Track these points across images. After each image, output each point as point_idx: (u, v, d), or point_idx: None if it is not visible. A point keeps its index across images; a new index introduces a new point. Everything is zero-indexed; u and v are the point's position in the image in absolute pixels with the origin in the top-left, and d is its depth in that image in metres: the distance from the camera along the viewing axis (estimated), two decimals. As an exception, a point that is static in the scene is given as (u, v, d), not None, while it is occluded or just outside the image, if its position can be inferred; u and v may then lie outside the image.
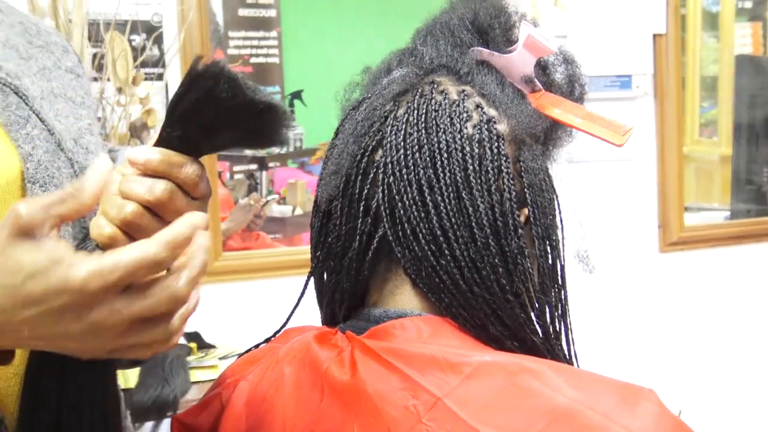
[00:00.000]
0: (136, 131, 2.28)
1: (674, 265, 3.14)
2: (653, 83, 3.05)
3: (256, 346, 1.01)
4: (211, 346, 2.47)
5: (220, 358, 2.36)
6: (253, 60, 2.90)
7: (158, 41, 2.51)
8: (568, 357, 0.94)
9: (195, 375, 2.25)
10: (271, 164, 3.19)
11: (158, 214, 0.76)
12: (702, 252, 3.16)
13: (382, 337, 0.86)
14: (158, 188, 0.76)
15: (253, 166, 2.99)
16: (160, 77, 2.48)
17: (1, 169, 0.87)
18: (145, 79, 2.40)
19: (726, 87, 3.98)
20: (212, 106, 0.75)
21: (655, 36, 3.04)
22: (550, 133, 0.97)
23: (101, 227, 0.76)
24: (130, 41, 2.41)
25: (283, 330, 1.00)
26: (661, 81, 3.05)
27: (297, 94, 3.94)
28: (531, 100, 0.95)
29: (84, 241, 0.79)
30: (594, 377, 0.82)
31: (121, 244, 0.74)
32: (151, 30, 2.51)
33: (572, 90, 0.99)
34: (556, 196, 0.95)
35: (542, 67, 0.98)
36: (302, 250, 3.06)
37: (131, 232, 0.76)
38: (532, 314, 0.89)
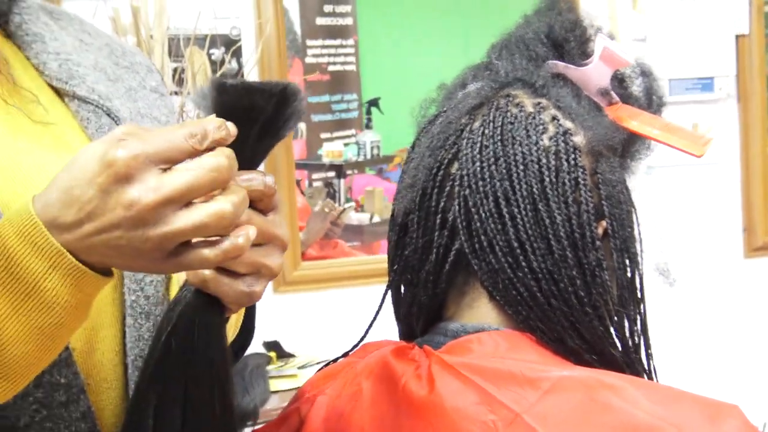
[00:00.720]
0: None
1: (760, 271, 3.07)
2: (736, 85, 3.00)
3: (335, 361, 1.02)
4: (291, 356, 2.49)
5: (300, 368, 2.38)
6: (330, 68, 2.92)
7: (237, 54, 2.55)
8: (647, 371, 0.93)
9: (275, 384, 2.28)
10: (348, 171, 3.21)
11: None
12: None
13: (459, 351, 0.86)
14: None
15: (331, 174, 3.01)
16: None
17: None
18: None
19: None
20: (231, 114, 0.75)
21: (737, 36, 2.98)
22: (628, 146, 0.96)
23: (199, 272, 0.77)
24: (209, 55, 2.45)
25: (360, 344, 1.01)
26: (744, 82, 2.99)
27: (374, 102, 3.95)
28: (608, 113, 0.95)
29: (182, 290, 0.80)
30: (676, 393, 0.81)
31: (222, 282, 0.75)
32: (230, 44, 2.54)
33: (650, 102, 0.99)
34: (635, 209, 0.94)
35: (619, 79, 0.98)
36: (380, 259, 3.06)
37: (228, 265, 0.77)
38: (611, 327, 0.89)
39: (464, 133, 0.90)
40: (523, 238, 0.86)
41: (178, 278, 0.92)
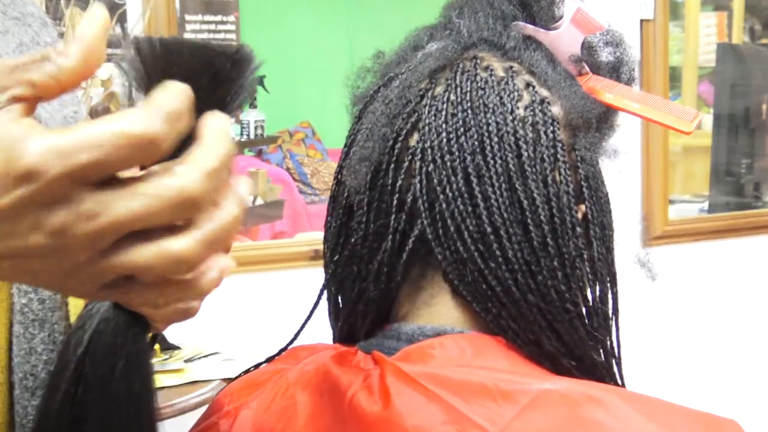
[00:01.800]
0: (98, 115, 2.12)
1: (657, 259, 3.05)
2: (639, 71, 2.95)
3: (257, 367, 0.87)
4: (176, 347, 2.31)
5: (186, 361, 2.21)
6: None
7: (121, 20, 2.35)
8: (621, 378, 0.82)
9: (159, 380, 2.10)
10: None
11: None
12: (684, 246, 3.08)
13: (417, 359, 0.74)
14: None
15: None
16: (123, 58, 2.31)
17: None
18: (108, 60, 2.24)
19: (690, 77, 3.92)
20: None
21: (642, 21, 2.94)
22: (601, 121, 0.84)
23: None
24: (90, 19, 2.24)
25: (288, 348, 0.87)
26: (648, 69, 2.95)
27: (259, 80, 3.80)
28: (580, 83, 0.84)
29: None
30: (669, 406, 0.72)
31: None
32: (114, 8, 2.34)
33: (619, 74, 0.88)
34: (607, 193, 0.83)
35: (588, 47, 0.86)
36: (265, 245, 2.94)
37: None
38: (591, 328, 0.77)
39: (425, 99, 0.77)
40: (497, 223, 0.74)
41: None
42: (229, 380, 2.06)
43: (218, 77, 0.53)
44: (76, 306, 0.75)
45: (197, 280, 0.50)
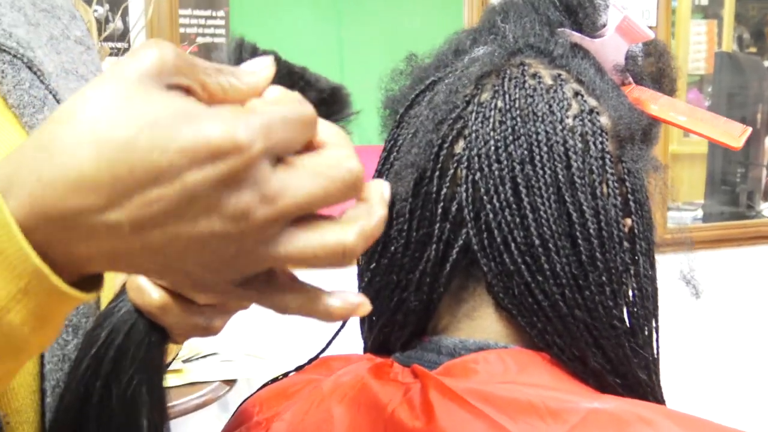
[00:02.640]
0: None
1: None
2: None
3: (285, 375, 0.85)
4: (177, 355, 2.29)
5: (184, 361, 2.18)
6: (200, 40, 2.75)
7: (123, 14, 2.32)
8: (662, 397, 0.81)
9: (157, 379, 2.07)
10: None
11: None
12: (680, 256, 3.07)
13: (460, 374, 0.72)
14: None
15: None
16: (125, 52, 2.29)
17: None
18: (110, 54, 2.21)
19: (680, 85, 3.91)
20: None
21: (645, 29, 2.93)
22: (646, 133, 0.83)
23: (146, 292, 0.58)
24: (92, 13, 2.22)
25: (318, 358, 0.85)
26: (648, 76, 2.94)
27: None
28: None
29: (117, 299, 0.62)
30: (718, 428, 0.69)
31: (174, 313, 0.56)
32: (118, 3, 2.31)
33: (661, 85, 0.86)
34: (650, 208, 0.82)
35: (632, 56, 0.84)
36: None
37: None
38: (637, 346, 0.76)
39: (471, 105, 0.75)
40: (546, 235, 0.72)
41: (111, 282, 0.73)
42: (229, 382, 2.04)
43: None
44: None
45: (321, 295, 0.49)
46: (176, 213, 0.41)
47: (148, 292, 0.58)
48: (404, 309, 0.78)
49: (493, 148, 0.73)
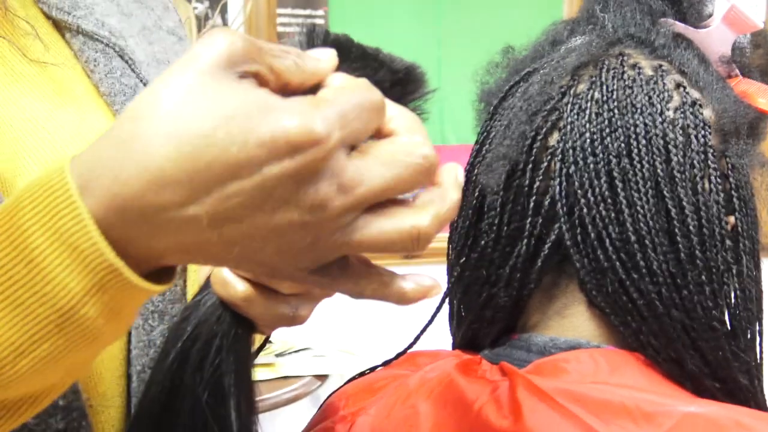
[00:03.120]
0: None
1: None
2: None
3: (372, 370, 0.84)
4: (267, 341, 2.30)
5: (277, 355, 2.19)
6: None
7: (223, 11, 2.35)
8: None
9: (250, 373, 2.09)
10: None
11: None
12: None
13: (550, 373, 0.70)
14: None
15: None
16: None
17: None
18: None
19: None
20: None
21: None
22: (753, 127, 0.79)
23: (230, 284, 0.58)
24: (192, 9, 2.25)
25: (405, 353, 0.83)
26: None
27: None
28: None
29: (202, 292, 0.61)
30: None
31: (258, 304, 0.56)
32: (216, 0, 2.34)
33: None
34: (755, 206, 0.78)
35: (739, 47, 0.81)
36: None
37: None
38: (738, 349, 0.72)
39: (566, 96, 0.73)
40: (642, 231, 0.69)
41: (197, 268, 0.73)
42: (321, 377, 2.05)
43: (382, 88, 0.50)
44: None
45: (395, 279, 0.49)
46: (255, 206, 0.41)
47: (233, 284, 0.57)
48: (493, 305, 0.76)
49: (588, 140, 0.71)
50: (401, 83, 0.53)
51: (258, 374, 2.07)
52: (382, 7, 4.64)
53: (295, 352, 2.18)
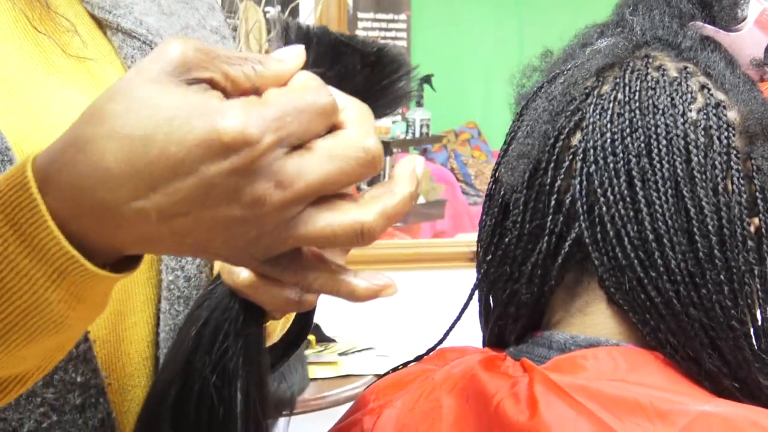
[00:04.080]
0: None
1: None
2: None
3: (405, 365, 0.86)
4: (331, 340, 2.34)
5: (340, 354, 2.22)
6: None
7: (293, 14, 2.39)
8: None
9: (313, 371, 2.12)
10: (394, 150, 3.08)
11: None
12: None
13: (568, 369, 0.71)
14: None
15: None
16: (293, 52, 2.35)
17: None
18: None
19: None
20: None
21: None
22: None
23: (235, 272, 0.60)
24: (264, 13, 2.30)
25: (436, 349, 0.85)
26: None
27: (426, 79, 3.81)
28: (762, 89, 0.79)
29: (215, 281, 0.64)
30: None
31: (263, 290, 0.58)
32: (287, 2, 2.39)
33: None
34: None
35: None
36: (425, 243, 2.94)
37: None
38: (758, 349, 0.73)
39: (590, 97, 0.74)
40: (660, 230, 0.70)
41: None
42: (381, 376, 2.07)
43: (353, 73, 0.53)
44: None
45: (345, 275, 0.51)
46: (198, 201, 0.45)
47: (237, 272, 0.60)
48: (516, 301, 0.77)
49: (609, 140, 0.72)
50: (374, 65, 0.54)
51: (320, 372, 2.11)
52: (464, 11, 4.66)
53: (358, 351, 2.21)
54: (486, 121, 4.72)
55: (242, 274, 0.59)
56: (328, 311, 2.43)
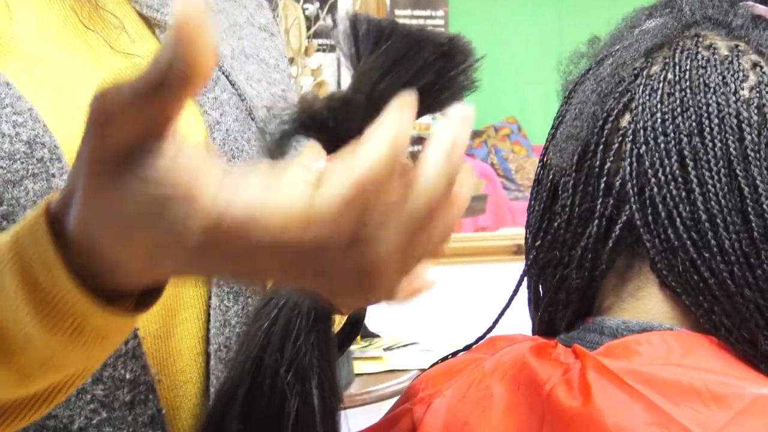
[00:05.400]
0: (308, 104, 2.15)
1: None
2: None
3: (454, 355, 0.86)
4: (375, 336, 2.34)
5: (385, 349, 2.22)
6: None
7: (332, 11, 2.39)
8: None
9: (358, 366, 2.13)
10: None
11: None
12: None
13: (621, 355, 0.70)
14: None
15: (419, 147, 2.87)
16: (332, 49, 2.36)
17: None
18: (318, 50, 2.28)
19: None
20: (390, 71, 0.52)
21: None
22: None
23: None
24: (303, 10, 2.30)
25: (486, 338, 0.84)
26: None
27: (466, 74, 3.80)
28: None
29: None
30: None
31: None
32: (325, -1, 2.40)
33: None
34: None
35: None
36: (467, 238, 2.93)
37: None
38: None
39: (639, 78, 0.73)
40: (713, 210, 0.69)
41: None
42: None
43: (427, 66, 0.51)
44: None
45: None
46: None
47: None
48: (566, 287, 0.76)
49: (659, 120, 0.71)
50: (446, 56, 0.54)
51: (365, 367, 2.11)
52: (502, 5, 4.64)
53: (404, 346, 2.21)
54: (525, 116, 4.71)
55: None
56: (372, 307, 2.43)
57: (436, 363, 0.85)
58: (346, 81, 2.51)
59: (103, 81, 0.44)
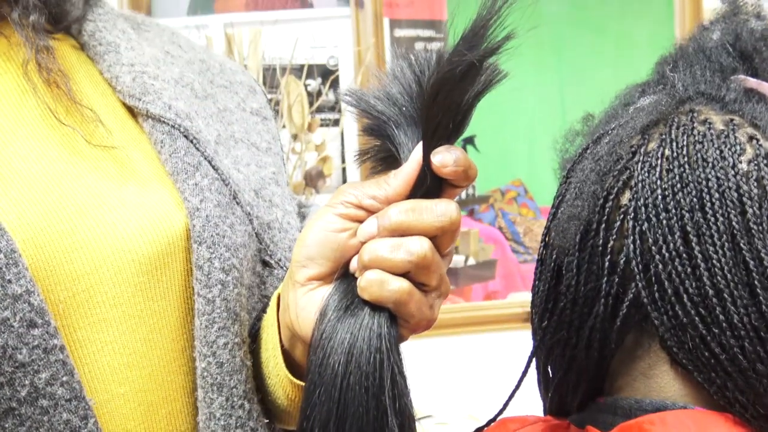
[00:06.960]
0: (312, 180, 2.17)
1: None
2: None
3: (466, 438, 0.85)
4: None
5: (399, 423, 2.19)
6: None
7: (334, 85, 2.42)
8: None
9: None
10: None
11: None
12: None
13: None
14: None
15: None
16: (336, 123, 2.37)
17: (163, 228, 0.75)
18: (321, 125, 2.30)
19: None
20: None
21: None
22: None
23: (387, 281, 0.64)
24: (305, 86, 2.32)
25: (497, 420, 0.83)
26: None
27: (470, 140, 3.82)
28: None
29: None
30: None
31: (416, 299, 0.66)
32: (327, 74, 2.41)
33: None
34: None
35: None
36: (478, 306, 2.91)
37: None
38: None
39: (637, 155, 0.73)
40: (720, 285, 0.69)
41: (269, 338, 0.77)
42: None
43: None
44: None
45: None
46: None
47: (390, 281, 0.64)
48: (576, 367, 0.76)
49: (660, 197, 0.71)
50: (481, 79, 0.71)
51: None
52: (510, 73, 4.67)
53: (417, 420, 2.18)
54: (532, 178, 4.70)
55: (399, 283, 0.63)
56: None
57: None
58: (350, 155, 2.53)
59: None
